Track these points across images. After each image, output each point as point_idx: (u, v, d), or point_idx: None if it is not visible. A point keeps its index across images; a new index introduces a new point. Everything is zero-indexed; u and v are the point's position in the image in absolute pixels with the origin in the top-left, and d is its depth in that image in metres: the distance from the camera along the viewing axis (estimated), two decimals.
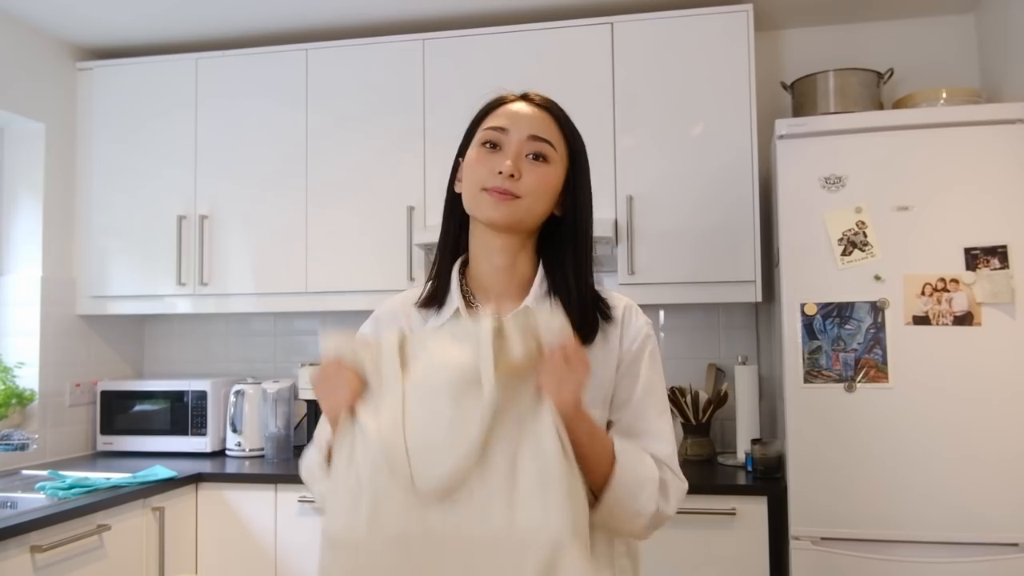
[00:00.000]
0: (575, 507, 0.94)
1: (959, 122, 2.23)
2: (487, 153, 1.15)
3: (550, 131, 1.17)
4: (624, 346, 1.19)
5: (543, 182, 1.15)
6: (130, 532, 2.36)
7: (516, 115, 1.17)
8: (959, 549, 2.14)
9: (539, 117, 1.17)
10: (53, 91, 3.01)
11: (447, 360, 0.97)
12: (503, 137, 1.15)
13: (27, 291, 2.92)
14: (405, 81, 2.85)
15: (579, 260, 1.18)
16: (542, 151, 1.15)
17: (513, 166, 1.12)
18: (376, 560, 0.95)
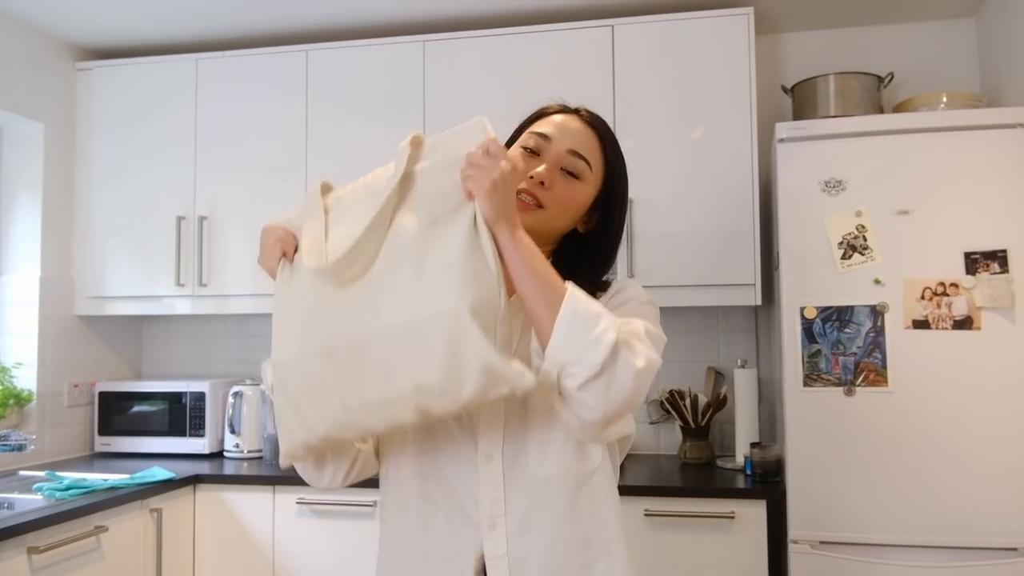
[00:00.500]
0: (478, 288, 0.96)
1: (959, 126, 2.23)
2: (525, 157, 1.16)
3: (591, 150, 1.18)
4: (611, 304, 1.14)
5: (570, 198, 1.16)
6: (128, 533, 2.36)
7: (562, 127, 1.18)
8: (958, 553, 2.14)
9: (584, 134, 1.19)
10: (52, 91, 3.01)
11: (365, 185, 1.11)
12: (544, 145, 1.17)
13: (26, 291, 2.91)
14: (405, 83, 2.85)
15: (593, 281, 1.18)
16: (577, 168, 1.17)
17: (547, 173, 1.14)
18: (312, 371, 1.04)
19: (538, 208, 1.14)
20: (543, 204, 1.14)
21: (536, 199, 1.14)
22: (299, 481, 2.66)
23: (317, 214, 1.12)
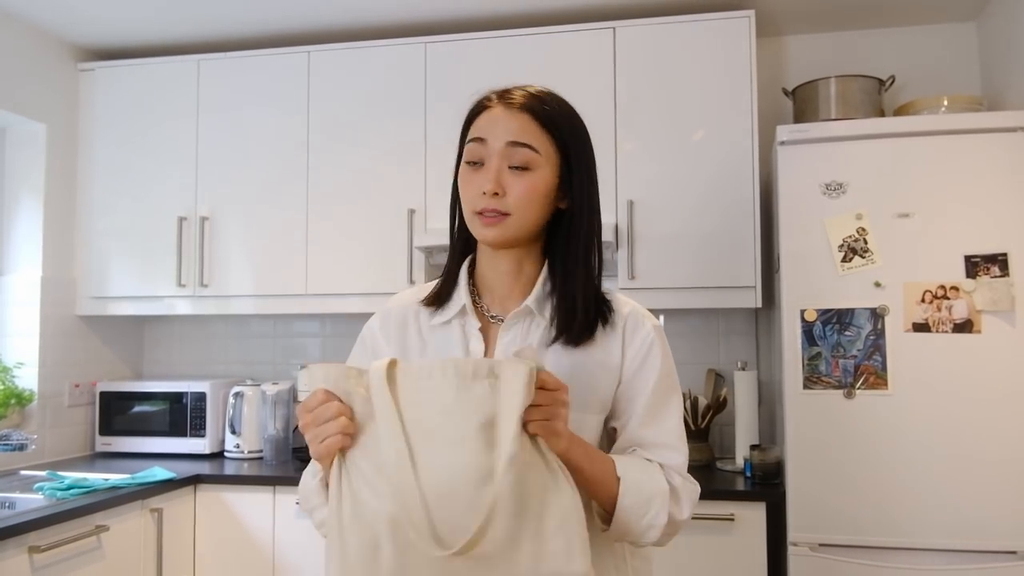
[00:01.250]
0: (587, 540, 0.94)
1: (960, 129, 2.23)
2: (471, 172, 1.13)
3: (530, 134, 1.12)
4: (628, 355, 1.16)
5: (529, 192, 1.11)
6: (128, 533, 2.36)
7: (493, 123, 1.12)
8: (957, 556, 2.14)
9: (517, 121, 1.12)
10: (55, 92, 3.02)
11: (445, 399, 0.91)
12: (483, 150, 1.12)
13: (27, 291, 2.92)
14: (407, 84, 2.85)
15: (580, 256, 1.16)
16: (524, 159, 1.11)
17: (495, 183, 1.10)
18: None
19: (503, 217, 1.11)
20: (506, 212, 1.10)
21: (497, 211, 1.10)
22: (299, 482, 2.67)
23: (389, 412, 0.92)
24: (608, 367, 1.16)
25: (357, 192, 2.87)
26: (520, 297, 1.18)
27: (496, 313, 1.19)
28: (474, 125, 1.15)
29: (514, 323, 1.16)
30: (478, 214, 1.11)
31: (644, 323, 1.19)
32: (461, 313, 1.18)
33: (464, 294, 1.18)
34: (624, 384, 1.16)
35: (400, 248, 2.80)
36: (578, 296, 1.15)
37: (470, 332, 1.17)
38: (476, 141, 1.13)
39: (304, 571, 2.55)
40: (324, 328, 3.30)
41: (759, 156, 2.60)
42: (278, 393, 2.95)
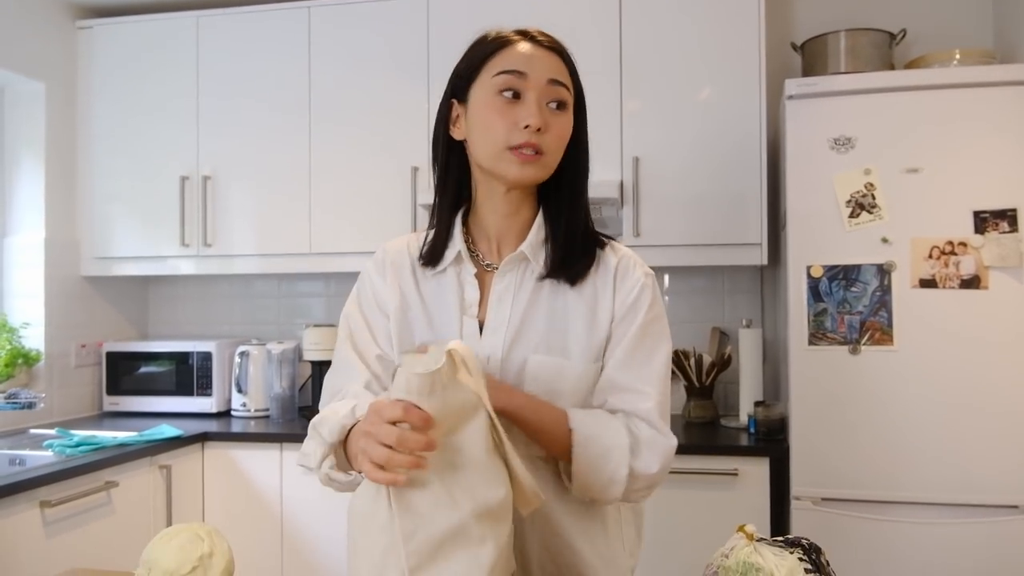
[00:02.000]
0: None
1: (971, 83, 2.20)
2: (507, 104, 1.09)
3: (565, 74, 1.13)
4: (618, 300, 1.16)
5: (564, 132, 1.12)
6: (138, 489, 2.39)
7: (532, 57, 1.11)
8: (959, 511, 2.16)
9: (553, 59, 1.13)
10: (53, 50, 2.98)
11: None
12: (522, 84, 1.09)
13: (31, 252, 2.92)
14: (409, 39, 2.81)
15: (577, 201, 1.17)
16: (563, 98, 1.11)
17: (540, 117, 1.08)
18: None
19: (539, 156, 1.09)
20: (544, 150, 1.09)
21: (536, 148, 1.09)
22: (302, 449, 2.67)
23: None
24: (598, 314, 1.15)
25: (360, 149, 2.85)
26: (515, 242, 1.18)
27: (490, 262, 1.19)
28: (503, 56, 1.12)
29: (509, 269, 1.17)
30: (514, 149, 1.08)
31: (635, 269, 1.18)
32: (456, 261, 1.18)
33: (459, 242, 1.18)
34: (616, 322, 1.16)
35: (404, 206, 2.79)
36: (577, 237, 1.16)
37: (465, 279, 1.17)
38: (514, 74, 1.10)
39: (311, 526, 2.58)
40: (328, 287, 3.30)
41: (767, 112, 2.57)
42: (283, 352, 2.96)
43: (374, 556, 0.88)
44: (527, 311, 1.14)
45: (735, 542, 0.99)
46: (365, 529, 0.90)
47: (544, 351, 1.12)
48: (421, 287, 1.19)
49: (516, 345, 1.13)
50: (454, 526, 0.87)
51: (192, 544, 1.10)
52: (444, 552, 0.87)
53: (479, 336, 1.14)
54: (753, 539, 0.97)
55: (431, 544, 0.87)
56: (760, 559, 0.94)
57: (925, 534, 2.17)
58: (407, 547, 0.86)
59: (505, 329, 1.13)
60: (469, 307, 1.16)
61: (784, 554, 0.95)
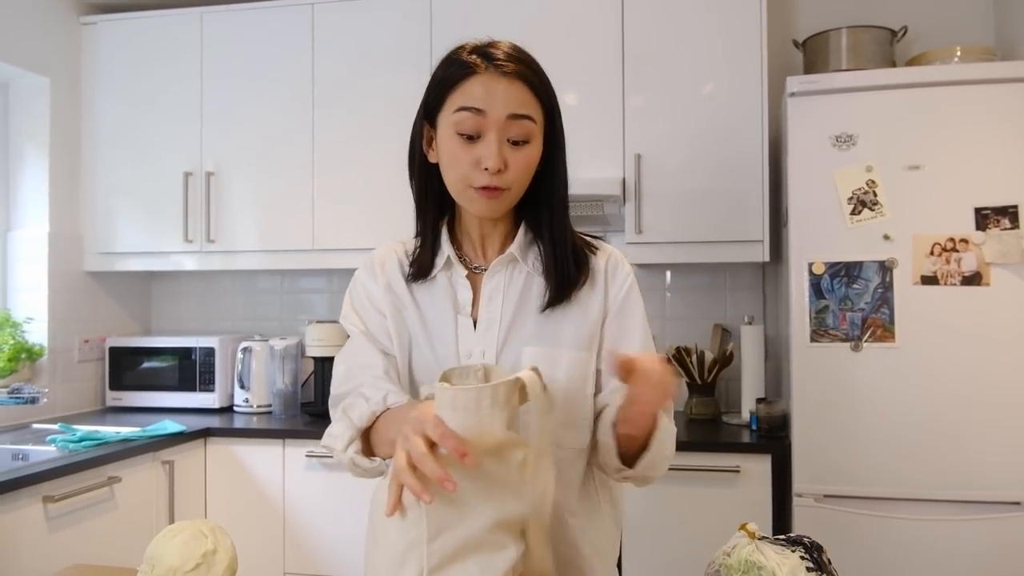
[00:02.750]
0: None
1: (972, 80, 2.20)
2: (464, 145, 1.09)
3: (528, 104, 1.10)
4: (611, 295, 1.21)
5: (528, 166, 1.12)
6: (140, 484, 2.40)
7: (492, 92, 1.08)
8: (961, 507, 2.16)
9: (515, 90, 1.09)
10: (58, 45, 2.99)
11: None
12: (481, 122, 1.08)
13: (35, 247, 2.92)
14: (412, 36, 2.82)
15: (559, 209, 1.18)
16: (524, 131, 1.10)
17: (498, 159, 1.07)
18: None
19: (503, 192, 1.11)
20: (506, 187, 1.10)
21: (497, 187, 1.09)
22: (308, 435, 2.70)
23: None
24: (589, 308, 1.19)
25: (363, 145, 2.85)
26: (497, 247, 1.21)
27: (477, 264, 1.21)
28: (463, 91, 1.10)
29: (498, 269, 1.19)
30: (476, 188, 1.10)
31: (622, 265, 1.24)
32: (446, 266, 1.20)
33: (447, 248, 1.20)
34: (610, 319, 1.21)
35: (407, 201, 2.77)
36: (568, 251, 1.18)
37: (457, 282, 1.20)
38: (472, 111, 1.08)
39: (314, 522, 2.58)
40: (331, 283, 3.30)
41: (768, 109, 2.57)
42: (286, 348, 2.97)
43: (396, 549, 0.90)
44: (518, 307, 1.18)
45: (737, 540, 0.99)
46: (390, 520, 0.91)
47: (537, 343, 1.15)
48: (414, 291, 1.22)
49: (510, 339, 1.16)
50: (476, 532, 0.89)
51: (196, 541, 1.11)
52: (463, 555, 0.88)
53: (474, 332, 1.17)
54: (755, 537, 0.98)
55: (454, 546, 0.88)
56: (762, 557, 0.95)
57: (927, 531, 2.17)
58: (430, 546, 0.88)
59: (498, 325, 1.16)
60: (463, 307, 1.18)
61: (786, 552, 0.95)
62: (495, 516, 0.90)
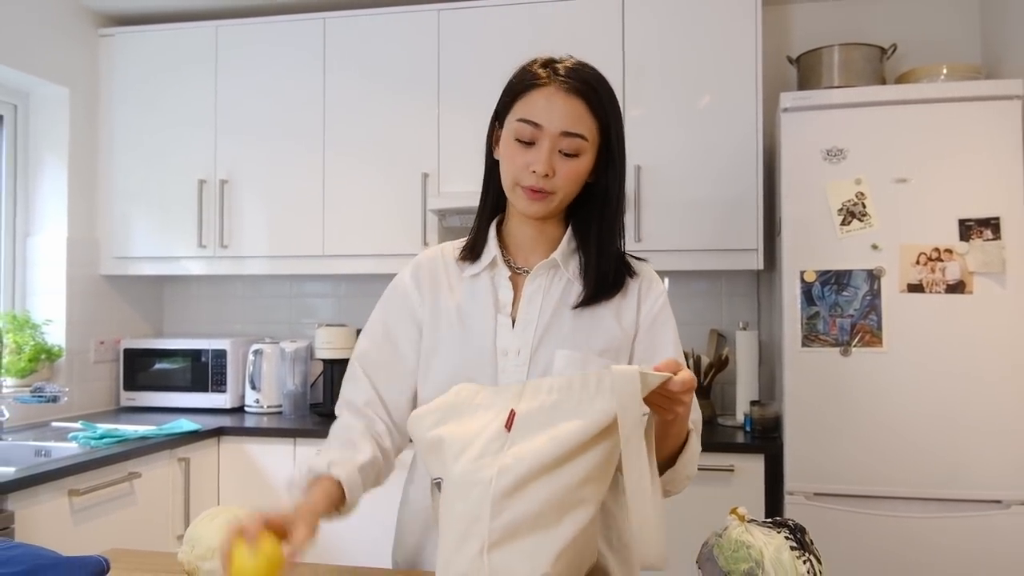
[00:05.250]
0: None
1: (958, 97, 2.31)
2: (521, 148, 1.19)
3: (583, 122, 1.19)
4: (644, 309, 1.28)
5: (575, 176, 1.21)
6: (158, 480, 2.49)
7: (549, 108, 1.18)
8: (945, 505, 2.26)
9: (572, 108, 1.18)
10: (77, 57, 3.09)
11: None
12: (536, 133, 1.18)
13: (53, 251, 3.02)
14: (420, 51, 2.92)
15: (607, 222, 1.26)
16: (574, 147, 1.18)
17: (547, 165, 1.17)
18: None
19: (548, 195, 1.20)
20: (551, 191, 1.20)
21: (543, 190, 1.19)
22: (318, 434, 2.79)
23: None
24: (622, 318, 1.27)
25: (372, 156, 2.95)
26: (543, 253, 1.29)
27: (521, 266, 1.30)
28: (526, 101, 1.20)
29: (539, 274, 1.27)
30: (524, 188, 1.20)
31: (656, 284, 1.32)
32: (491, 265, 1.29)
33: (494, 247, 1.29)
34: (641, 335, 1.28)
35: (414, 210, 2.89)
36: (610, 264, 1.26)
37: (499, 282, 1.28)
38: (530, 124, 1.18)
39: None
40: (338, 289, 3.40)
41: (763, 123, 2.68)
42: (296, 350, 3.07)
43: (461, 525, 0.98)
44: (556, 311, 1.25)
45: (728, 523, 1.09)
46: (459, 496, 0.99)
47: (570, 346, 1.23)
48: (455, 291, 1.30)
49: (545, 340, 1.24)
50: (535, 510, 0.96)
51: (232, 524, 1.20)
52: (521, 532, 0.96)
53: (511, 331, 1.25)
54: (744, 520, 1.07)
55: (514, 524, 0.96)
56: (750, 538, 1.04)
57: (912, 527, 2.27)
58: (492, 523, 0.96)
59: (535, 325, 1.24)
60: (504, 306, 1.27)
61: (772, 533, 1.05)
62: (560, 497, 0.97)
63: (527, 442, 0.98)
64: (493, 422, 1.02)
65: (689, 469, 1.21)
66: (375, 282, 3.25)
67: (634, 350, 1.28)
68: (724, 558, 1.04)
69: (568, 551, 0.98)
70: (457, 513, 0.99)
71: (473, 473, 0.99)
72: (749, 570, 1.01)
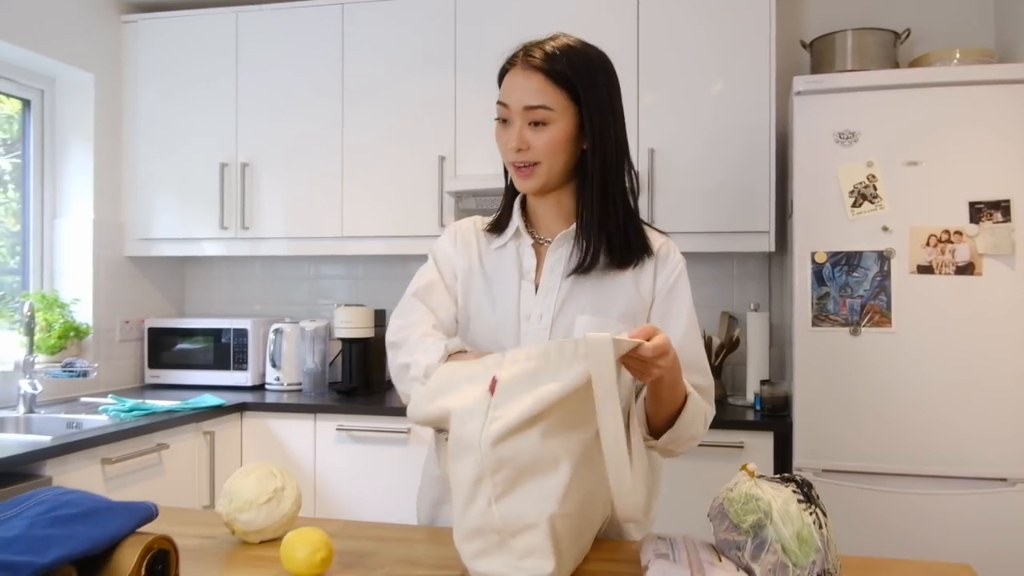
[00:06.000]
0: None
1: (969, 81, 2.33)
2: (501, 129, 1.30)
3: (544, 94, 1.25)
4: (659, 281, 1.34)
5: (550, 143, 1.27)
6: (185, 451, 2.57)
7: (512, 88, 1.28)
8: (951, 483, 2.31)
9: (532, 83, 1.25)
10: (101, 43, 3.16)
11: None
12: (507, 112, 1.28)
13: (80, 233, 3.10)
14: (437, 35, 2.97)
15: (606, 187, 1.30)
16: (539, 117, 1.26)
17: (519, 140, 1.27)
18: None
19: (534, 167, 1.28)
20: (534, 162, 1.28)
21: (526, 163, 1.28)
22: (338, 410, 2.86)
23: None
24: (640, 286, 1.33)
25: (390, 139, 3.01)
26: (563, 224, 1.36)
27: (544, 236, 1.38)
28: (503, 86, 1.31)
29: (561, 244, 1.35)
30: (512, 165, 1.31)
31: (673, 254, 1.38)
32: (515, 236, 1.38)
33: (517, 219, 1.38)
34: (657, 303, 1.34)
35: (431, 193, 2.95)
36: (613, 221, 1.31)
37: (524, 250, 1.37)
38: (502, 105, 1.29)
39: (344, 489, 2.75)
40: (355, 270, 3.47)
41: (776, 107, 2.72)
42: (316, 330, 3.14)
43: (466, 484, 1.04)
44: (577, 278, 1.32)
45: (739, 478, 1.15)
46: (459, 459, 1.05)
47: (591, 312, 1.30)
48: (483, 258, 1.40)
49: (566, 305, 1.31)
50: (529, 459, 1.02)
51: (267, 479, 1.27)
52: (522, 479, 1.02)
53: (535, 296, 1.32)
54: (754, 475, 1.13)
55: (513, 474, 1.02)
56: (760, 491, 1.10)
57: (919, 504, 2.32)
58: (493, 477, 1.02)
59: (557, 291, 1.32)
60: (527, 272, 1.35)
61: (780, 487, 1.11)
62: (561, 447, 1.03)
63: (511, 403, 1.04)
64: (478, 389, 1.08)
65: (692, 430, 1.26)
66: (392, 264, 3.32)
67: (650, 317, 1.34)
68: (734, 511, 1.10)
69: (573, 494, 1.04)
70: (461, 475, 1.05)
71: (467, 436, 1.05)
72: (758, 521, 1.06)
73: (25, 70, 2.99)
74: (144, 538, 1.02)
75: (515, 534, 1.02)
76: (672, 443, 1.27)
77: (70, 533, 0.98)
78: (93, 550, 0.98)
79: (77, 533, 0.99)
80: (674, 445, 1.27)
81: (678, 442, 1.27)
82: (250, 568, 1.16)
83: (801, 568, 1.02)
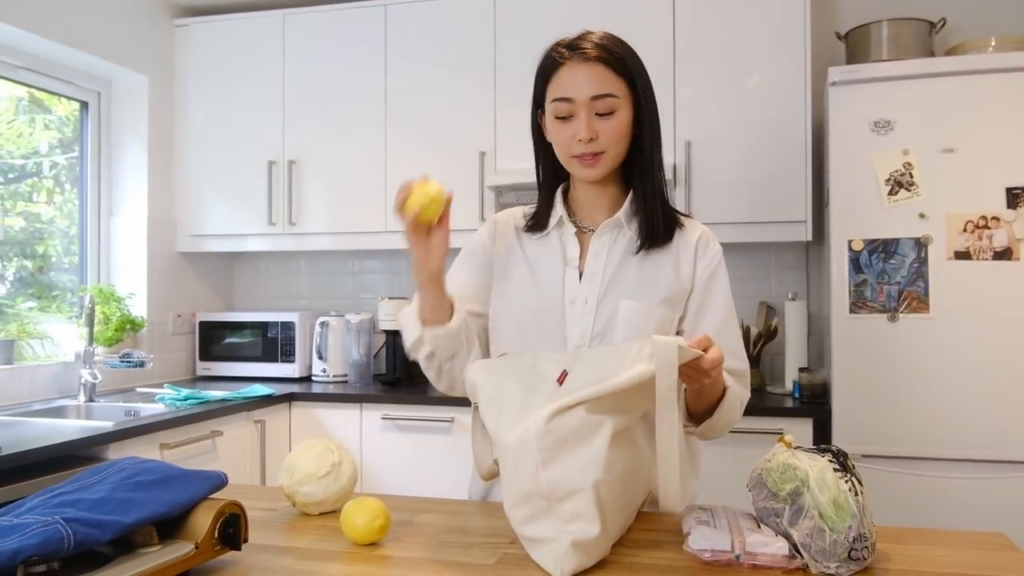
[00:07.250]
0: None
1: (1004, 68, 2.34)
2: (563, 125, 1.32)
3: (609, 83, 1.29)
4: (699, 269, 1.39)
5: (617, 131, 1.32)
6: (237, 439, 2.68)
7: (575, 81, 1.29)
8: (990, 467, 2.32)
9: (596, 73, 1.29)
10: (154, 46, 3.29)
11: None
12: (571, 107, 1.30)
13: (135, 230, 3.23)
14: (477, 33, 3.04)
15: (653, 173, 1.37)
16: (608, 105, 1.29)
17: (588, 130, 1.29)
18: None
19: (599, 156, 1.31)
20: (601, 151, 1.31)
21: (593, 153, 1.31)
22: (383, 400, 2.94)
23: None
24: (680, 272, 1.38)
25: (431, 136, 3.09)
26: (606, 212, 1.41)
27: (587, 225, 1.42)
28: (554, 81, 1.32)
29: (605, 232, 1.39)
30: (576, 157, 1.33)
31: (713, 243, 1.42)
32: (559, 225, 1.42)
33: (560, 208, 1.42)
34: (696, 292, 1.38)
35: (472, 188, 3.02)
36: (657, 205, 1.37)
37: (567, 239, 1.41)
38: (563, 101, 1.30)
39: (389, 477, 2.84)
40: (394, 265, 3.56)
41: (811, 98, 2.74)
42: (360, 322, 3.23)
43: (515, 450, 1.09)
44: (620, 264, 1.37)
45: (776, 449, 1.20)
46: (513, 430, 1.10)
47: (634, 298, 1.35)
48: (524, 248, 1.44)
49: (610, 291, 1.36)
50: (574, 426, 1.07)
51: (326, 454, 1.35)
52: (567, 446, 1.07)
53: (579, 283, 1.37)
54: (791, 446, 1.18)
55: (558, 440, 1.07)
56: (797, 461, 1.15)
57: (958, 488, 2.33)
58: (540, 443, 1.08)
59: (601, 278, 1.37)
60: (571, 259, 1.39)
61: (817, 457, 1.15)
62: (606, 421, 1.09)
63: (574, 392, 1.09)
64: (547, 378, 1.14)
65: (729, 417, 1.32)
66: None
67: (688, 304, 1.38)
68: (772, 480, 1.15)
69: (616, 464, 1.09)
70: (510, 441, 1.10)
71: (527, 410, 1.10)
72: (795, 489, 1.11)
73: (83, 72, 3.13)
74: (217, 503, 1.10)
75: (562, 499, 1.08)
76: (710, 430, 1.33)
77: (150, 497, 1.06)
78: (171, 512, 1.06)
79: (157, 497, 1.07)
80: (711, 432, 1.34)
81: (715, 429, 1.33)
82: (312, 535, 1.23)
83: (837, 533, 1.06)
